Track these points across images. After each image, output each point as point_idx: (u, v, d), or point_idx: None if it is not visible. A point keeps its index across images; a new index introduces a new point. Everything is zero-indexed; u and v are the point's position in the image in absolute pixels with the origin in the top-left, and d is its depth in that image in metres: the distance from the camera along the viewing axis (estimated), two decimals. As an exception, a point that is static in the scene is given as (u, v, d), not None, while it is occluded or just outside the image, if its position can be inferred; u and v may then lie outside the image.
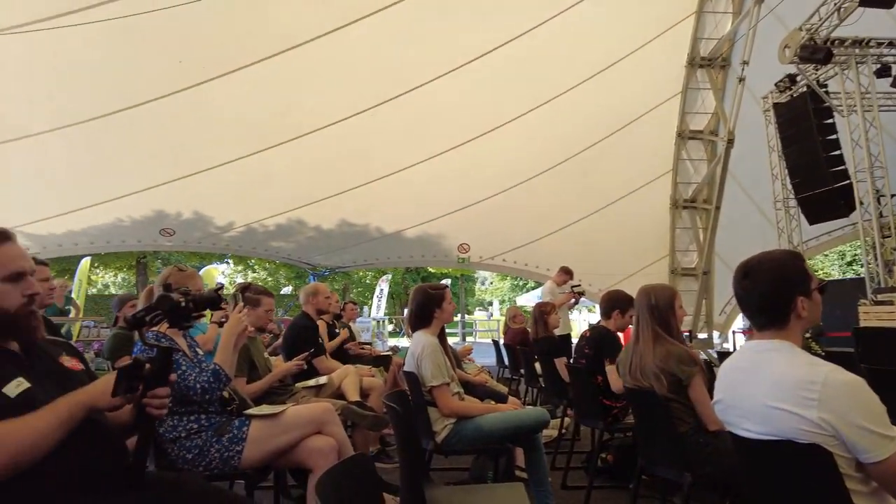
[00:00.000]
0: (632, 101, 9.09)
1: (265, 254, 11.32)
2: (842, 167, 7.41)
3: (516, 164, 9.40)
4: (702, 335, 9.81)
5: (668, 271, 10.18)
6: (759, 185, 9.28)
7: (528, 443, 3.08)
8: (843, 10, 6.37)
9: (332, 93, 7.84)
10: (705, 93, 9.32)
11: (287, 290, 24.61)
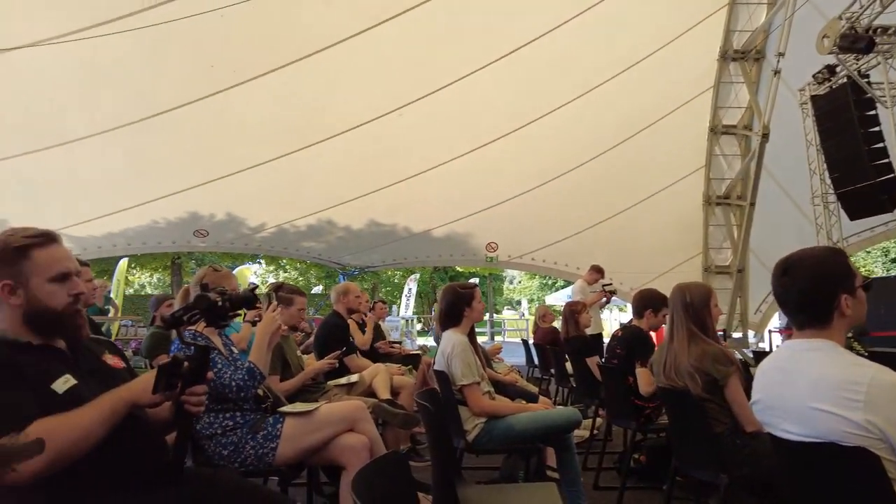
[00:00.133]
0: (662, 96, 8.94)
1: (296, 254, 11.47)
2: (885, 160, 7.13)
3: (545, 161, 9.33)
4: (736, 334, 9.60)
5: (701, 269, 9.98)
6: (795, 181, 9.02)
7: (560, 443, 3.05)
8: (885, -4, 6.15)
9: (360, 94, 7.90)
10: (738, 86, 9.10)
11: (318, 289, 24.91)
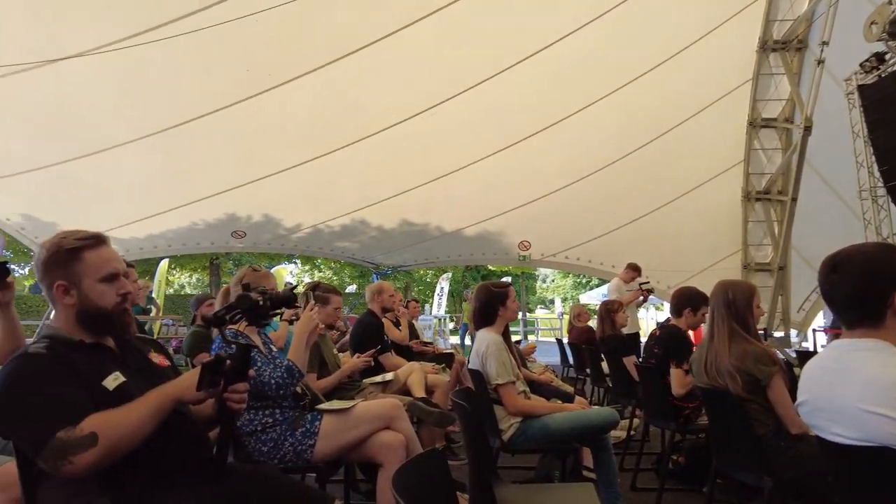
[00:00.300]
0: (699, 90, 8.74)
1: (331, 254, 11.61)
2: (939, 152, 6.83)
3: (579, 158, 9.23)
4: (778, 333, 9.33)
5: (740, 267, 9.74)
6: (840, 174, 8.70)
7: (597, 443, 3.02)
8: (938, -20, 5.88)
9: (392, 94, 7.94)
10: (779, 78, 8.83)
11: (351, 288, 25.21)
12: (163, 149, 7.81)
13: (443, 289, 20.28)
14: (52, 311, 1.65)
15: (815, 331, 11.21)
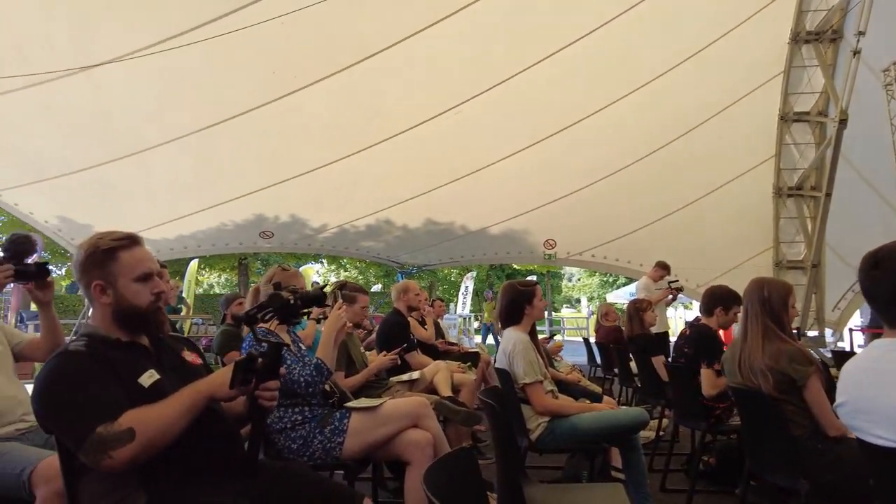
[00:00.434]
0: (727, 84, 8.55)
1: (356, 253, 11.69)
2: (980, 144, 6.59)
3: (605, 155, 9.12)
4: (812, 332, 9.09)
5: (772, 264, 9.50)
6: (878, 168, 8.43)
7: (626, 443, 2.99)
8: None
9: (417, 93, 7.96)
10: (811, 70, 8.58)
11: (376, 287, 25.35)
12: (192, 151, 7.96)
13: (467, 288, 20.26)
14: (90, 310, 1.69)
15: (851, 330, 10.92)
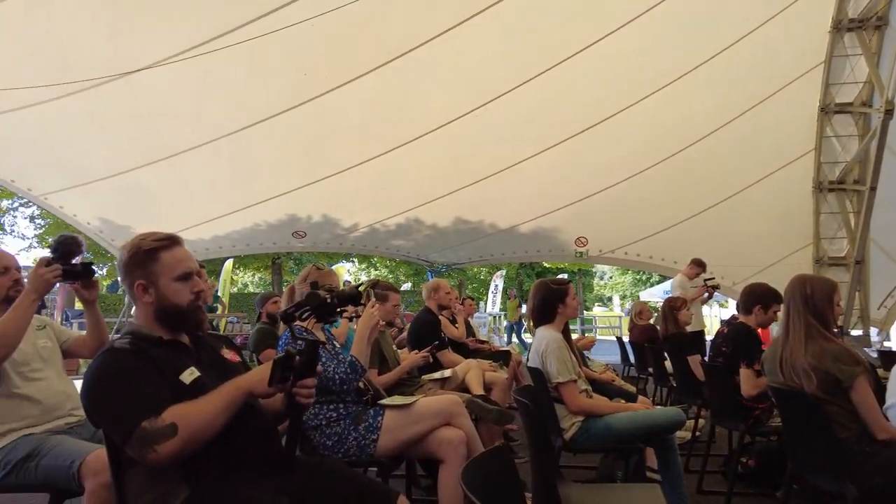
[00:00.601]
0: (765, 76, 8.30)
1: (386, 252, 11.76)
2: None
3: (637, 151, 8.95)
4: (855, 332, 8.78)
5: (812, 261, 9.22)
6: (926, 161, 8.12)
7: (662, 443, 2.94)
8: None
9: (445, 92, 7.95)
10: (854, 59, 8.27)
11: (406, 286, 25.49)
12: (227, 153, 8.11)
13: (497, 286, 20.21)
14: (132, 309, 1.74)
15: (899, 329, 10.51)
